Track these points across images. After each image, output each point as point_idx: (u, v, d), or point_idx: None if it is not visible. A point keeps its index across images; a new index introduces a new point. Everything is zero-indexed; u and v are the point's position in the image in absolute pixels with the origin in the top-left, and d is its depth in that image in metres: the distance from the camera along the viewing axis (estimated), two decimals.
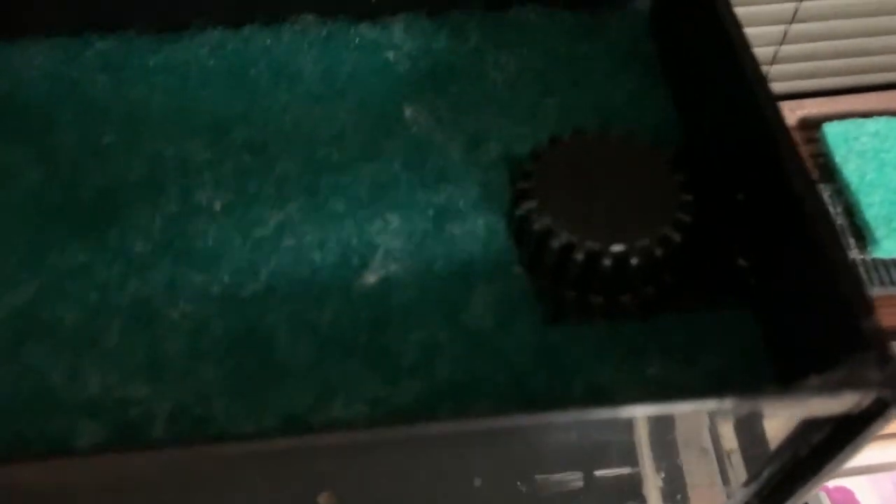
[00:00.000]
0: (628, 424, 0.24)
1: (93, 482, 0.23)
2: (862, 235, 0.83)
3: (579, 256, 0.28)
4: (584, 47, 0.36)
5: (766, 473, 0.28)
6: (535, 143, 0.31)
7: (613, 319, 0.29)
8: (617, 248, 0.28)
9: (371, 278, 0.29)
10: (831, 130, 0.94)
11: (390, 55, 0.36)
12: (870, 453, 0.88)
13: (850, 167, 0.91)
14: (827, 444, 0.24)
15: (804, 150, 1.04)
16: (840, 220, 0.90)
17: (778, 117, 0.27)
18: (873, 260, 0.84)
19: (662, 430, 0.28)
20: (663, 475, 0.29)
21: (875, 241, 0.81)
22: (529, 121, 0.33)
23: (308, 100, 0.35)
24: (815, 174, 0.99)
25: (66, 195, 0.32)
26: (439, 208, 0.31)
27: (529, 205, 0.29)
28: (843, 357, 0.22)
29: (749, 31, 0.97)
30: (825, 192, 0.92)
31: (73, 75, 0.36)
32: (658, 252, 0.28)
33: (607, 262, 0.28)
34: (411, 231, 0.30)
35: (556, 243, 0.28)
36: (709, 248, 0.30)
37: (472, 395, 0.27)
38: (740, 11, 1.00)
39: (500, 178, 0.32)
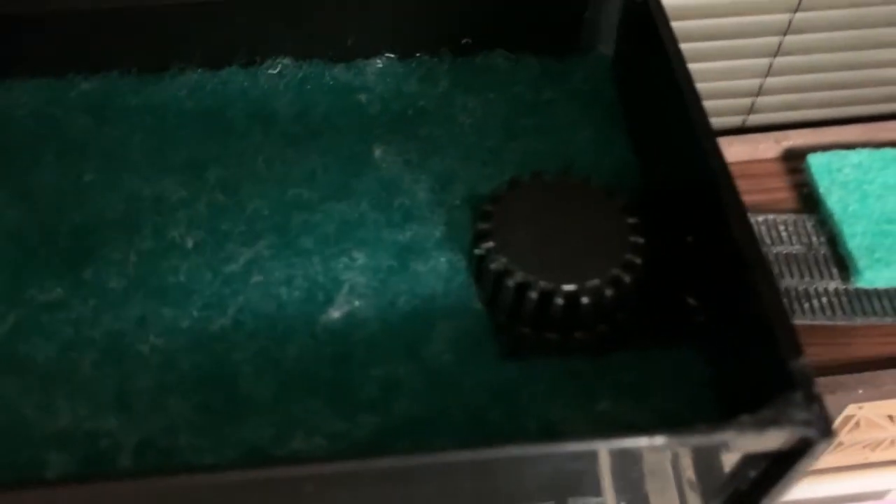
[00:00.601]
0: (572, 458, 0.25)
1: None
2: (845, 265, 0.85)
3: (533, 295, 0.30)
4: (548, 92, 0.38)
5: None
6: (495, 186, 0.32)
7: (567, 356, 0.30)
8: (569, 287, 0.29)
9: (335, 314, 0.31)
10: (815, 161, 0.96)
11: (363, 97, 0.38)
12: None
13: (834, 198, 0.92)
14: (762, 479, 0.26)
15: (788, 181, 1.06)
16: (823, 251, 0.92)
17: (722, 165, 0.29)
18: (856, 290, 0.86)
19: (619, 463, 0.29)
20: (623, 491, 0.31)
21: (858, 272, 0.83)
22: (494, 163, 0.35)
23: (282, 140, 0.36)
24: (798, 204, 1.01)
25: (44, 232, 0.33)
26: (404, 246, 0.33)
27: (487, 245, 0.31)
28: (774, 396, 0.24)
29: (734, 64, 0.99)
30: (809, 223, 0.94)
31: (56, 115, 0.38)
32: (609, 292, 0.30)
33: (559, 300, 0.29)
34: (376, 268, 0.32)
35: (511, 282, 0.30)
36: (661, 287, 0.31)
37: (429, 430, 0.28)
38: (725, 44, 1.02)
39: (464, 217, 0.33)
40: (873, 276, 0.83)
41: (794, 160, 1.08)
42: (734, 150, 1.09)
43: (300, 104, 0.38)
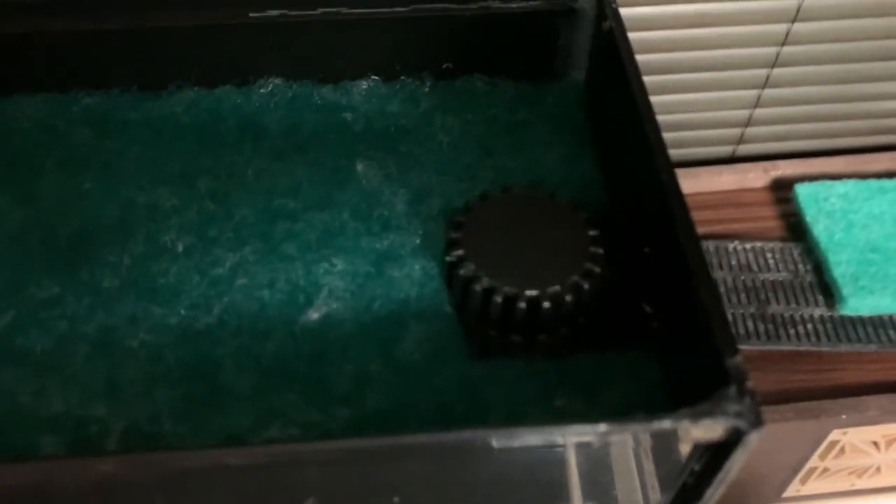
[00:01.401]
0: (527, 447, 0.27)
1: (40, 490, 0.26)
2: (830, 293, 0.87)
3: (498, 299, 0.32)
4: (522, 114, 0.41)
5: (665, 500, 0.31)
6: (468, 199, 0.35)
7: (530, 357, 0.33)
8: (531, 293, 0.32)
9: (314, 315, 0.33)
10: (802, 191, 0.99)
11: (348, 116, 0.41)
12: None
13: (820, 226, 0.95)
14: (704, 471, 0.28)
15: (776, 210, 1.09)
16: (809, 278, 0.94)
17: (674, 185, 0.31)
18: (840, 317, 0.88)
19: (579, 456, 0.31)
20: (592, 495, 0.33)
21: (842, 299, 0.85)
22: (468, 179, 0.38)
23: (270, 154, 0.39)
24: (786, 233, 1.04)
25: (44, 235, 0.36)
26: (381, 254, 0.35)
27: (458, 253, 0.33)
28: (713, 392, 0.26)
29: (724, 95, 1.03)
30: (795, 250, 0.97)
31: (59, 127, 0.40)
32: (569, 297, 0.32)
33: (522, 304, 0.32)
34: (354, 273, 0.34)
35: (478, 287, 0.32)
36: (619, 295, 0.34)
37: (397, 422, 0.30)
38: (714, 75, 1.05)
39: (438, 228, 0.36)
40: (857, 304, 0.85)
41: (782, 190, 1.11)
42: (724, 179, 1.12)
43: (289, 121, 0.40)
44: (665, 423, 0.25)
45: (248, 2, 0.40)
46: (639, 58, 0.94)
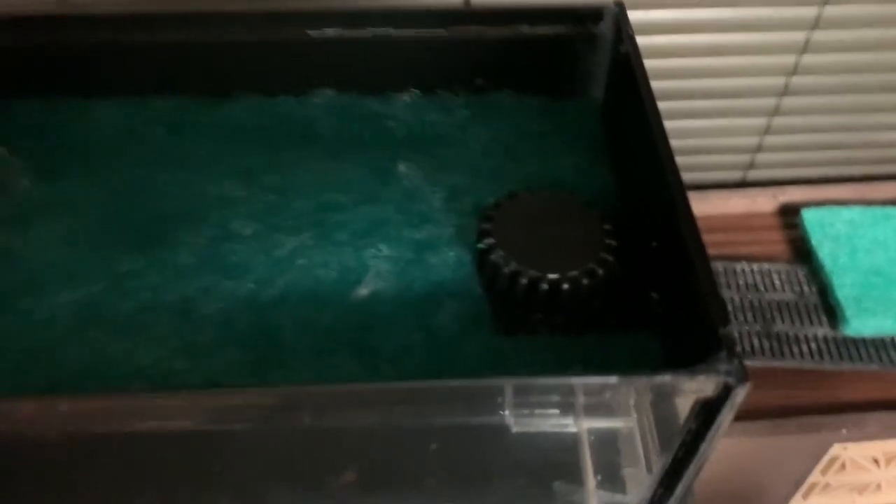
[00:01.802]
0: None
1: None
2: (834, 314, 0.92)
3: (523, 281, 0.38)
4: (545, 126, 0.46)
5: (667, 459, 0.36)
6: (498, 197, 0.41)
7: (549, 334, 0.38)
8: (552, 276, 0.37)
9: (363, 291, 0.39)
10: (809, 216, 1.03)
11: (391, 124, 0.47)
12: None
13: (825, 250, 0.99)
14: (698, 427, 0.33)
15: (784, 234, 1.14)
16: (814, 299, 0.99)
17: (680, 188, 0.37)
18: (843, 337, 0.92)
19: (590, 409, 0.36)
20: (599, 457, 0.38)
21: (845, 320, 0.90)
22: (497, 180, 0.44)
23: (323, 155, 0.45)
24: (792, 255, 1.09)
25: (128, 220, 0.42)
26: (420, 242, 0.41)
27: (489, 241, 0.39)
28: (708, 357, 0.32)
29: (735, 122, 1.09)
30: (801, 273, 1.01)
31: (137, 128, 0.47)
32: (585, 281, 0.38)
33: (544, 286, 0.37)
34: (397, 258, 0.40)
35: (506, 270, 0.38)
36: (629, 282, 0.39)
37: None
38: (725, 103, 1.11)
39: (470, 222, 0.42)
40: (860, 325, 0.90)
41: (790, 215, 1.16)
42: (733, 203, 1.17)
43: (340, 127, 0.47)
44: (666, 378, 0.31)
45: (308, 22, 0.46)
46: (654, 84, 1.01)
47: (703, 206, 1.18)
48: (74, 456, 0.35)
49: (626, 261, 0.39)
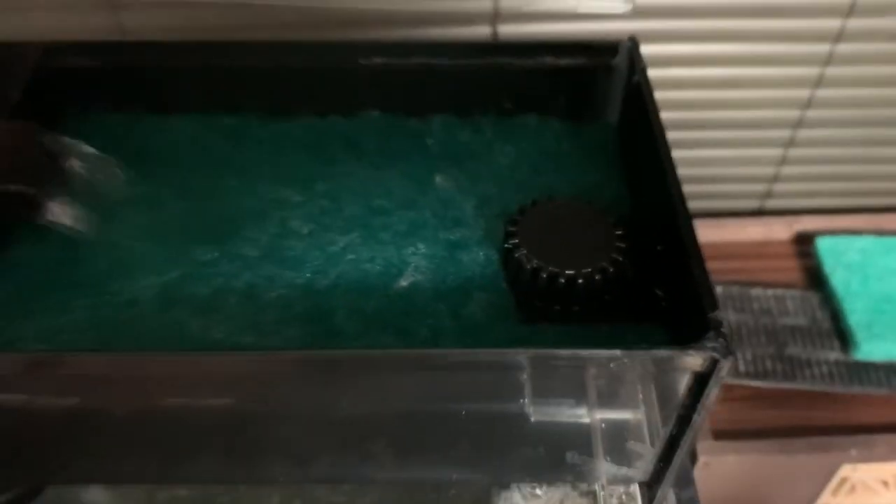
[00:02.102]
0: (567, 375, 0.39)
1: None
2: (845, 339, 0.97)
3: (543, 276, 0.44)
4: (566, 145, 0.54)
5: (664, 434, 0.43)
6: (522, 204, 0.48)
7: (565, 323, 0.45)
8: (569, 272, 0.44)
9: (403, 283, 0.46)
10: (823, 244, 1.09)
11: (429, 141, 0.54)
12: None
13: (838, 277, 1.05)
14: (691, 398, 0.40)
15: (798, 262, 1.20)
16: (826, 325, 1.04)
17: (681, 199, 0.43)
18: (854, 362, 0.98)
19: (602, 387, 0.42)
20: (608, 437, 0.44)
21: (856, 345, 0.95)
22: (520, 191, 0.51)
23: (369, 167, 0.52)
24: (806, 282, 1.14)
25: (200, 218, 0.50)
26: (453, 243, 0.48)
27: (513, 241, 0.46)
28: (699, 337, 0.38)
29: (750, 152, 1.15)
30: (814, 299, 1.07)
31: (207, 141, 0.54)
32: (598, 277, 0.44)
33: (562, 281, 0.44)
34: (433, 256, 0.47)
35: (528, 267, 0.45)
36: (637, 280, 0.46)
37: None
38: (739, 134, 1.18)
39: (497, 225, 0.49)
40: (871, 350, 0.95)
41: (804, 243, 1.22)
42: (749, 231, 1.24)
43: (384, 143, 0.54)
44: (663, 353, 0.37)
45: (357, 51, 0.54)
46: (672, 114, 1.09)
47: (719, 233, 1.24)
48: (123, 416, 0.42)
49: (635, 261, 0.46)
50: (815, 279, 1.09)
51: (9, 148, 0.47)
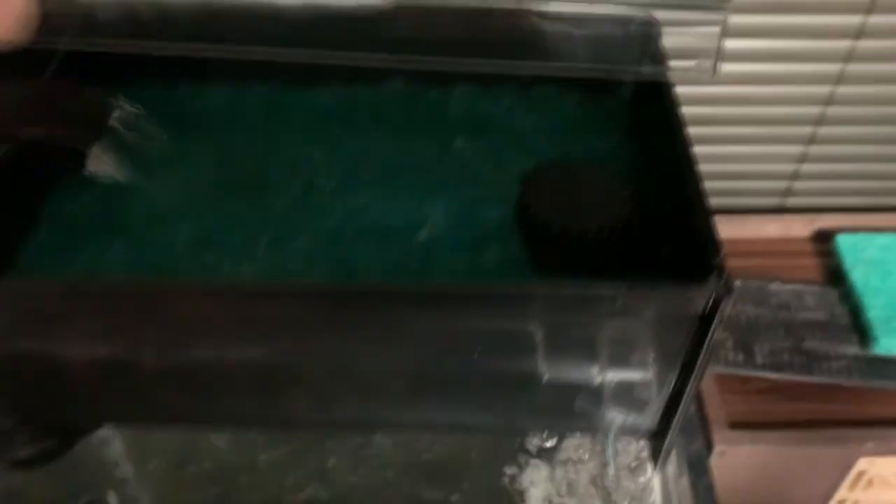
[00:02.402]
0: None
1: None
2: (864, 334, 0.99)
3: (555, 231, 0.47)
4: (583, 113, 0.57)
5: (669, 381, 0.45)
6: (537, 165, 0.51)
7: (576, 277, 0.47)
8: (578, 227, 0.47)
9: (424, 235, 0.49)
10: (843, 241, 1.11)
11: (451, 108, 0.57)
12: None
13: (857, 274, 1.06)
14: (695, 340, 0.42)
15: (818, 259, 1.21)
16: (845, 320, 1.06)
17: (689, 157, 0.46)
18: (873, 356, 0.99)
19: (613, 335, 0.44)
20: (612, 377, 0.47)
21: (875, 339, 0.97)
22: (539, 153, 0.54)
23: (394, 132, 0.56)
24: (825, 278, 1.16)
25: (233, 174, 0.53)
26: (473, 199, 0.51)
27: (528, 198, 0.49)
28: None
29: (770, 149, 1.17)
30: (833, 294, 1.08)
31: (240, 106, 0.58)
32: (607, 232, 0.47)
33: (572, 235, 0.47)
34: (457, 211, 0.50)
35: (541, 222, 0.48)
36: (644, 236, 0.49)
37: None
38: (759, 131, 1.20)
39: (514, 184, 0.52)
40: (890, 344, 0.97)
41: (824, 241, 1.23)
42: (769, 228, 1.26)
43: (408, 110, 0.57)
44: (666, 290, 0.40)
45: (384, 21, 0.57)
46: (693, 109, 1.10)
47: (739, 230, 1.26)
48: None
49: (642, 219, 0.48)
50: (834, 275, 1.11)
51: (53, 102, 0.51)
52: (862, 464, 1.03)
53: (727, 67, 1.04)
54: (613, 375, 0.46)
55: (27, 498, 0.66)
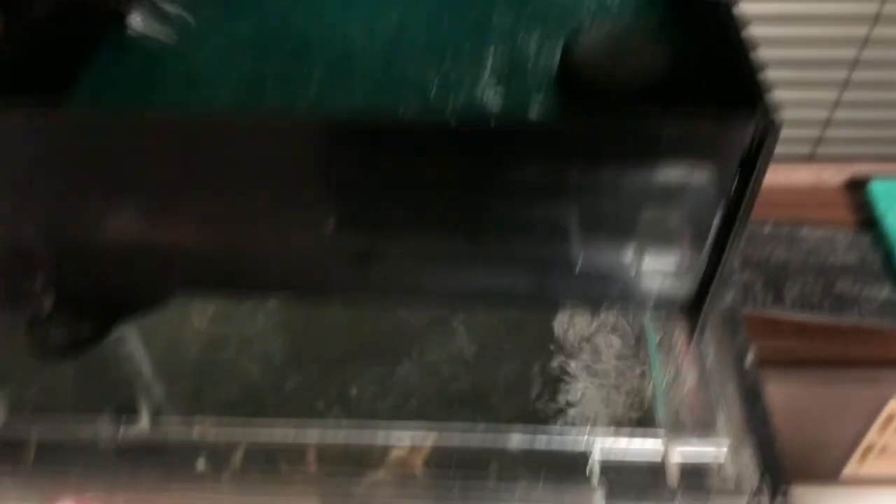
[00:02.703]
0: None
1: None
2: None
3: (597, 85, 0.47)
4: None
5: (715, 222, 0.44)
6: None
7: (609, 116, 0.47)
8: (621, 82, 0.47)
9: (464, 90, 0.49)
10: (877, 187, 1.10)
11: None
12: None
13: (891, 219, 1.05)
14: (741, 184, 0.42)
15: (850, 207, 1.20)
16: (877, 265, 1.05)
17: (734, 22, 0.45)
18: None
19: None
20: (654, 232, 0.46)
21: None
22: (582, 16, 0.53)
23: (441, 6, 0.56)
24: (857, 226, 1.15)
25: (270, 42, 0.53)
26: (516, 59, 0.51)
27: (571, 57, 0.49)
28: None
29: (803, 94, 1.15)
30: (865, 240, 1.07)
31: None
32: (646, 85, 0.47)
33: (614, 88, 0.47)
34: (497, 69, 0.50)
35: (583, 78, 0.47)
36: (687, 88, 0.48)
37: None
38: (793, 74, 1.18)
39: (555, 49, 0.51)
40: None
41: (856, 189, 1.22)
42: (800, 176, 1.24)
43: None
44: (714, 124, 0.40)
45: None
46: None
47: (769, 178, 1.24)
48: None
49: (686, 70, 0.48)
50: (867, 223, 1.10)
51: None
52: (892, 406, 1.02)
53: (762, 8, 1.03)
54: (652, 231, 0.46)
55: (59, 400, 0.66)
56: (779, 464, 0.46)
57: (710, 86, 0.47)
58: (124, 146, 0.44)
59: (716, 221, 0.45)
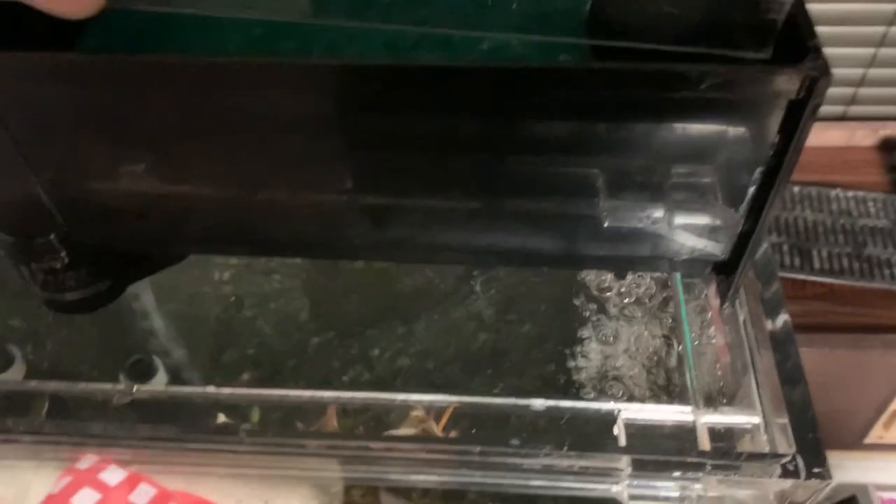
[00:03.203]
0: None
1: None
2: None
3: (631, 33, 0.44)
4: None
5: (755, 177, 0.42)
6: None
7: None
8: (656, 27, 0.44)
9: (490, 40, 0.46)
10: None
11: None
12: None
13: None
14: (784, 139, 0.39)
15: (882, 166, 1.16)
16: None
17: None
18: None
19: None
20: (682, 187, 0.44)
21: None
22: None
23: None
24: (889, 188, 1.11)
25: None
26: (544, 11, 0.48)
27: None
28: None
29: (838, 51, 1.12)
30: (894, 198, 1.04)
31: None
32: (679, 23, 0.44)
33: (649, 28, 0.44)
34: (525, 21, 0.47)
35: (614, 27, 0.44)
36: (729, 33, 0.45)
37: None
38: (828, 30, 1.15)
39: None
40: None
41: (889, 149, 1.18)
42: (831, 135, 1.20)
43: None
44: (760, 69, 0.37)
45: None
46: None
47: None
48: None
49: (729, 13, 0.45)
50: None
51: None
52: None
53: None
54: (686, 187, 0.43)
55: (76, 355, 0.66)
56: (814, 429, 0.44)
57: (752, 29, 0.43)
58: (140, 95, 0.42)
59: (755, 177, 0.42)
